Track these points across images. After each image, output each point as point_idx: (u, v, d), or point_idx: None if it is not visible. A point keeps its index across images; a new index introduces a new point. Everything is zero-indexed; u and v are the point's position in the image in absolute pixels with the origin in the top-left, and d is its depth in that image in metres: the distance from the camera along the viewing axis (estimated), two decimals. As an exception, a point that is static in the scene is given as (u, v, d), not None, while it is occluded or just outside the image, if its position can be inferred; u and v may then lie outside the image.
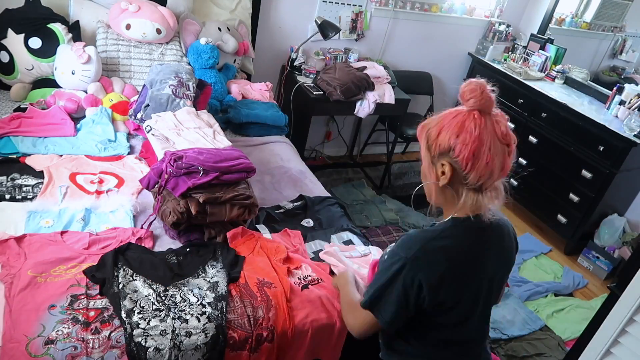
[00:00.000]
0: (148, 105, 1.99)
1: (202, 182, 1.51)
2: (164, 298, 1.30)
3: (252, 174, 1.65)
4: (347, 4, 3.30)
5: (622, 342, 1.30)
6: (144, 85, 2.09)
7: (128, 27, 2.29)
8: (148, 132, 1.86)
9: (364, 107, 3.00)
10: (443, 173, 1.05)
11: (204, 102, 2.19)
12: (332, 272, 1.57)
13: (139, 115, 2.04)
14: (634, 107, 3.07)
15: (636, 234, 3.17)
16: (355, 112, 3.03)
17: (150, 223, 1.60)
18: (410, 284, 1.05)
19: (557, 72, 3.69)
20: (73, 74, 2.14)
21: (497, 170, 1.03)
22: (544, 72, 3.74)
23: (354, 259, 1.62)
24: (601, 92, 3.47)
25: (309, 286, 1.46)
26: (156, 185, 1.59)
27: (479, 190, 1.05)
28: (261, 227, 1.72)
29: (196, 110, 2.02)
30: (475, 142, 0.99)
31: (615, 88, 3.27)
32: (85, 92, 2.18)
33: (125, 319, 1.21)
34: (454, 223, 1.09)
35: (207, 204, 1.52)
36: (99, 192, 1.72)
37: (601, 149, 3.00)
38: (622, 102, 3.18)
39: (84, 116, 2.11)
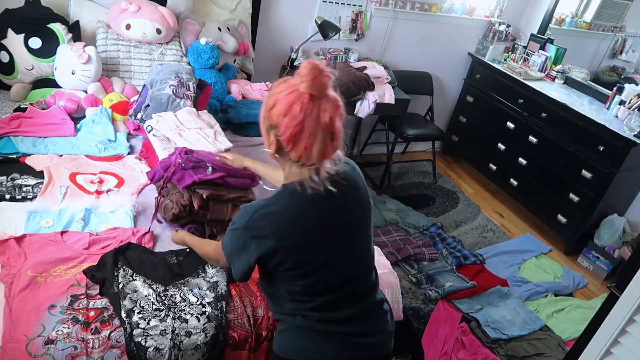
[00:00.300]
0: (148, 105, 1.99)
1: (208, 179, 1.52)
2: (163, 298, 1.30)
3: (256, 183, 1.66)
4: (347, 4, 3.31)
5: (622, 342, 1.30)
6: (144, 85, 2.09)
7: (128, 27, 2.30)
8: (149, 132, 1.87)
9: (364, 107, 3.00)
10: (271, 144, 1.13)
11: (204, 102, 2.20)
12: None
13: (139, 115, 2.04)
14: (634, 107, 3.07)
15: (636, 234, 3.17)
16: (355, 112, 3.03)
17: (154, 215, 1.61)
18: (248, 249, 1.12)
19: (557, 72, 3.69)
20: (73, 74, 2.14)
21: (315, 155, 1.06)
22: (544, 72, 3.74)
23: (353, 259, 1.62)
24: (601, 92, 3.47)
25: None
26: (162, 179, 1.60)
27: (302, 165, 1.10)
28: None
29: (196, 110, 2.02)
30: (297, 127, 1.04)
31: (615, 88, 3.27)
32: (85, 92, 2.18)
33: (125, 319, 1.21)
34: (283, 189, 1.15)
35: (210, 200, 1.53)
36: (99, 192, 1.72)
37: (601, 149, 3.00)
38: (622, 102, 3.18)
39: (84, 116, 2.11)
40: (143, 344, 1.17)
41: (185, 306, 1.29)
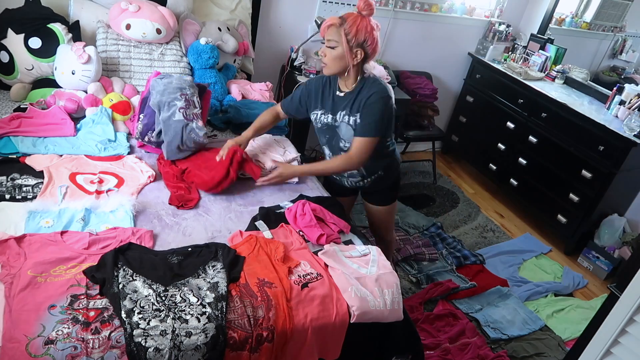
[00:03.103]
0: (160, 131, 1.97)
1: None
2: (164, 298, 1.30)
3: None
4: (347, 4, 3.31)
5: (622, 342, 1.30)
6: (147, 104, 2.02)
7: (128, 27, 2.30)
8: None
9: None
10: (356, 56, 1.80)
11: (205, 109, 2.16)
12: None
13: (146, 138, 2.02)
14: (634, 107, 3.07)
15: (636, 234, 3.18)
16: (355, 112, 3.03)
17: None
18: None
19: (557, 72, 3.69)
20: (73, 74, 2.14)
21: (378, 52, 1.90)
22: (544, 72, 3.74)
23: (353, 259, 1.62)
24: (601, 92, 3.47)
25: (309, 284, 1.47)
26: None
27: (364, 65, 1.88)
28: (260, 224, 1.72)
29: (200, 116, 2.04)
30: (376, 38, 1.83)
31: (615, 88, 3.28)
32: (85, 92, 2.18)
33: (125, 319, 1.21)
34: (373, 79, 1.89)
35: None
36: (99, 192, 1.72)
37: (601, 149, 3.00)
38: (622, 102, 3.18)
39: (84, 116, 2.11)
40: (143, 344, 1.17)
41: (185, 306, 1.29)
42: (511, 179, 3.66)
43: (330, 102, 1.94)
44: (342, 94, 1.90)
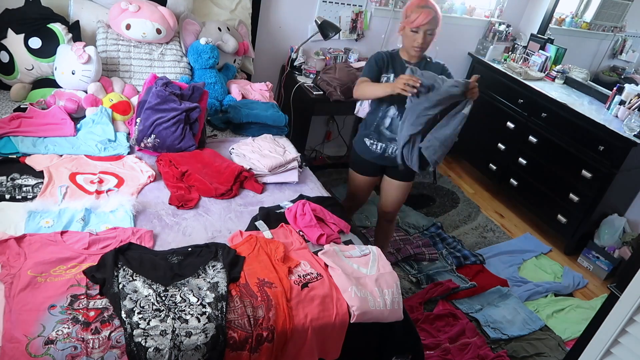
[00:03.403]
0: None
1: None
2: (164, 298, 1.30)
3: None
4: (347, 4, 3.31)
5: (622, 342, 1.30)
6: (143, 109, 2.03)
7: (128, 27, 2.30)
8: (231, 153, 2.14)
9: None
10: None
11: (203, 109, 2.15)
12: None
13: (142, 144, 2.03)
14: (634, 107, 3.07)
15: (636, 234, 3.17)
16: (355, 112, 3.03)
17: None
18: None
19: (557, 72, 3.69)
20: (73, 74, 2.14)
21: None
22: (544, 72, 3.74)
23: (353, 259, 1.62)
24: (601, 92, 3.47)
25: (309, 284, 1.47)
26: None
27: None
28: (260, 224, 1.72)
29: (198, 117, 2.06)
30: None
31: (615, 88, 3.27)
32: (85, 92, 2.18)
33: (125, 319, 1.21)
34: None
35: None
36: (98, 192, 1.72)
37: (601, 149, 3.00)
38: (622, 102, 3.18)
39: (84, 116, 2.11)
40: (143, 344, 1.17)
41: (185, 306, 1.29)
42: (511, 179, 3.65)
43: (400, 70, 2.12)
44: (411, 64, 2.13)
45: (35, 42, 2.16)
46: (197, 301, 1.31)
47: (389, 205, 2.45)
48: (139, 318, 1.22)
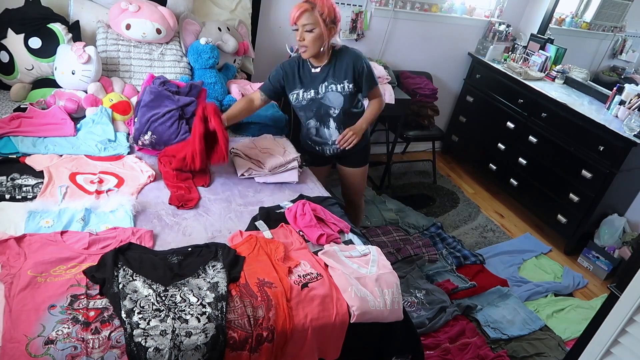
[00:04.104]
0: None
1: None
2: (164, 298, 1.30)
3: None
4: (347, 4, 3.31)
5: (622, 342, 1.30)
6: (139, 107, 2.05)
7: (128, 27, 2.30)
8: (231, 153, 2.12)
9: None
10: (331, 32, 1.99)
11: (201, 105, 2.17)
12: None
13: (140, 142, 2.03)
14: (634, 107, 3.07)
15: (636, 234, 3.18)
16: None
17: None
18: None
19: (557, 72, 3.69)
20: (73, 74, 2.14)
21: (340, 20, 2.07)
22: (544, 72, 3.74)
23: (353, 259, 1.62)
24: (601, 92, 3.47)
25: (309, 284, 1.47)
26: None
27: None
28: (260, 224, 1.72)
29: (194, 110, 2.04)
30: (339, 11, 2.02)
31: (615, 88, 3.28)
32: (85, 92, 2.18)
33: (125, 319, 1.21)
34: (344, 46, 2.13)
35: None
36: (98, 192, 1.72)
37: (601, 149, 3.00)
38: (622, 102, 3.18)
39: (84, 116, 2.11)
40: (143, 344, 1.17)
41: (185, 306, 1.29)
42: (511, 179, 3.66)
43: (307, 79, 2.12)
44: (318, 70, 2.10)
45: (35, 42, 2.16)
46: (197, 301, 1.31)
47: (348, 195, 2.59)
48: (139, 318, 1.22)
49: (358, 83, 2.12)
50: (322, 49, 2.02)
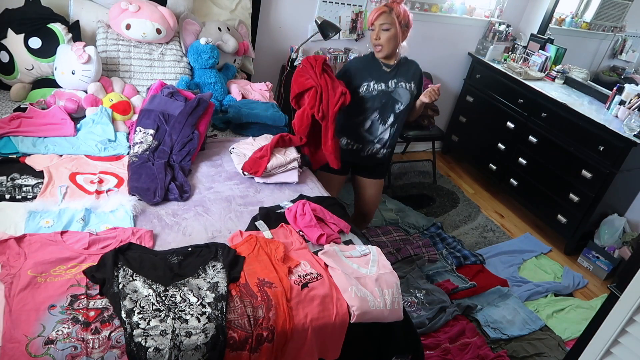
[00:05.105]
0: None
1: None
2: (164, 298, 1.30)
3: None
4: (347, 4, 3.31)
5: (622, 342, 1.30)
6: (143, 115, 2.04)
7: (128, 27, 2.30)
8: (231, 152, 2.13)
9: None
10: (404, 35, 2.21)
11: (206, 122, 2.13)
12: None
13: (131, 152, 2.02)
14: (634, 107, 3.07)
15: (636, 234, 3.18)
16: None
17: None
18: None
19: (557, 72, 3.69)
20: (73, 74, 2.14)
21: None
22: (544, 72, 3.75)
23: (353, 259, 1.62)
24: (601, 92, 3.47)
25: (309, 284, 1.47)
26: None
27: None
28: (260, 224, 1.72)
29: (198, 125, 2.07)
30: (412, 20, 2.25)
31: (615, 88, 3.28)
32: (85, 92, 2.18)
33: (125, 319, 1.21)
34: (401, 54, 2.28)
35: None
36: (98, 192, 1.72)
37: (601, 149, 3.00)
38: (622, 102, 3.18)
39: (84, 116, 2.10)
40: (143, 344, 1.17)
41: (185, 306, 1.29)
42: (511, 179, 3.66)
43: (378, 74, 2.24)
44: (388, 69, 2.25)
45: (35, 42, 2.16)
46: (197, 301, 1.31)
47: (366, 205, 2.61)
48: (139, 318, 1.22)
49: (418, 89, 2.30)
50: (396, 50, 2.20)
